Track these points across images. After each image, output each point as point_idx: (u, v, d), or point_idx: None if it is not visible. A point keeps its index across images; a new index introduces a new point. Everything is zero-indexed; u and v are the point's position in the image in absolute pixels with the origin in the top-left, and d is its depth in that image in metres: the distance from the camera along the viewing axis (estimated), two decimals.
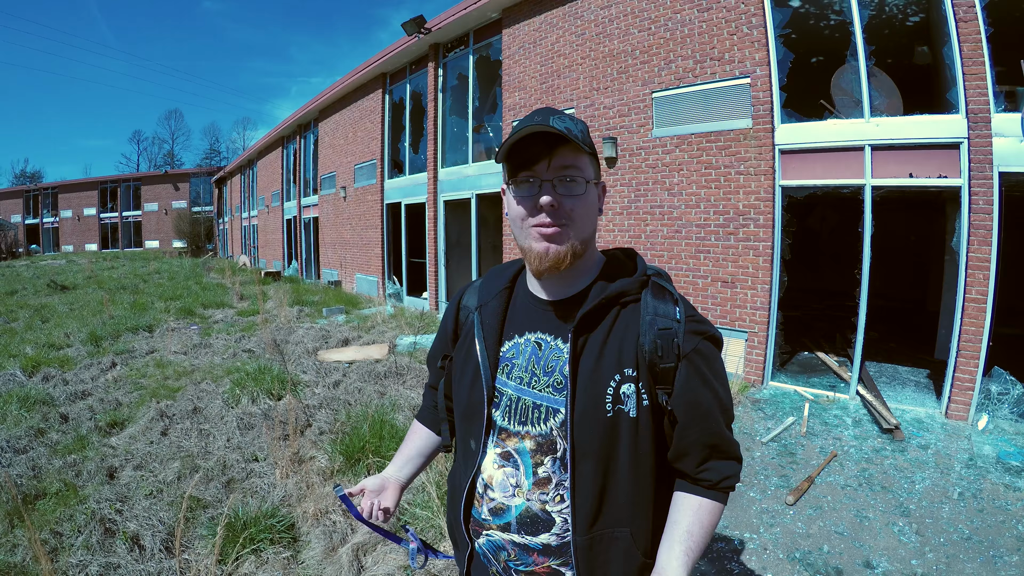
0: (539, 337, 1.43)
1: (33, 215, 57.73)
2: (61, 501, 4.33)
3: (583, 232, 1.35)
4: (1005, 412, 6.24)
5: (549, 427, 1.37)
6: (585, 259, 1.41)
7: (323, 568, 3.60)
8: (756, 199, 7.67)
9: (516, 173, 1.34)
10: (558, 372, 1.37)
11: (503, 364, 1.46)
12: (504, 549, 1.44)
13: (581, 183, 1.32)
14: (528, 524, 1.40)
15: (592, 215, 1.37)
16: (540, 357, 1.41)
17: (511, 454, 1.42)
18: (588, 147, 1.31)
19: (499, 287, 1.53)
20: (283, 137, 25.73)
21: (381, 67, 15.83)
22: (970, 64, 6.20)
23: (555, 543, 1.38)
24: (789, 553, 3.92)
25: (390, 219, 16.52)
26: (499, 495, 1.43)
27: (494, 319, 1.49)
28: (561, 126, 1.27)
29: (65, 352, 9.45)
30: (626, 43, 9.13)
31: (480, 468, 1.47)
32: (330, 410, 6.36)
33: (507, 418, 1.43)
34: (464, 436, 1.52)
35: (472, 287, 1.64)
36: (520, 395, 1.42)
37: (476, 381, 1.46)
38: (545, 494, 1.38)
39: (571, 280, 1.43)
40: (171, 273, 25.03)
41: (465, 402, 1.50)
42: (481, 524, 1.48)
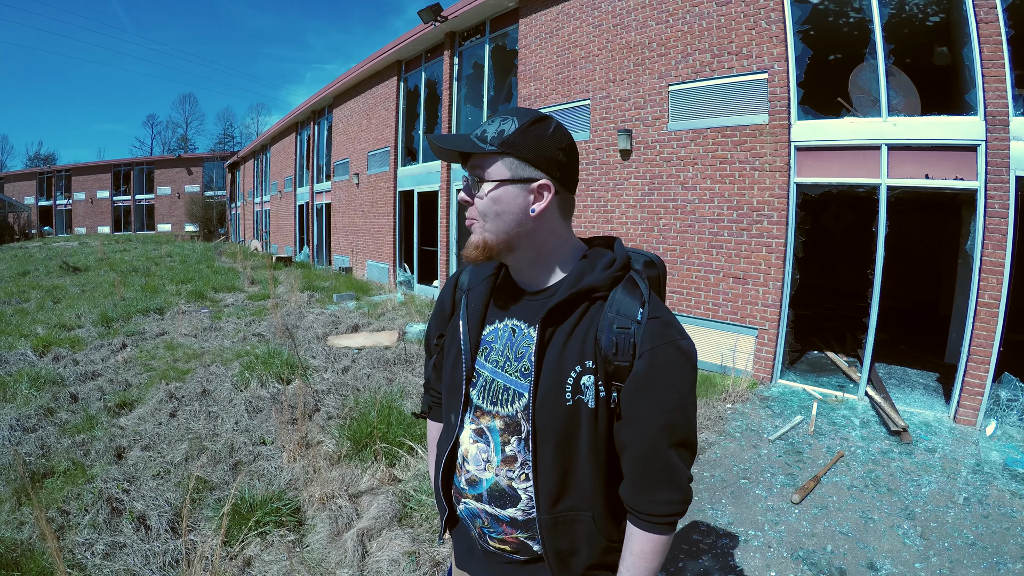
0: (514, 324, 1.50)
1: (46, 197, 57.98)
2: (69, 480, 4.37)
3: (498, 228, 1.39)
4: (1014, 419, 6.19)
5: (515, 409, 1.45)
6: (526, 255, 1.45)
7: (328, 552, 3.62)
8: (771, 195, 7.63)
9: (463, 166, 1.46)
10: (526, 359, 1.44)
11: (483, 347, 1.54)
12: (479, 517, 1.54)
13: (479, 183, 1.38)
14: (497, 497, 1.49)
15: (505, 215, 1.38)
16: (513, 343, 1.48)
17: (484, 431, 1.51)
18: (499, 146, 1.35)
19: (486, 273, 1.60)
20: (297, 123, 25.77)
21: (396, 54, 15.81)
22: (990, 66, 6.13)
23: (521, 518, 1.47)
24: (793, 551, 3.91)
25: (402, 207, 16.53)
26: (473, 468, 1.52)
27: (478, 303, 1.56)
28: (482, 130, 1.37)
29: (76, 333, 9.52)
30: (643, 35, 9.08)
31: (458, 441, 1.56)
32: (339, 395, 6.39)
33: (482, 397, 1.51)
34: (447, 410, 1.62)
35: (467, 269, 1.70)
36: (494, 377, 1.49)
37: (458, 361, 1.55)
38: (511, 471, 1.46)
39: (544, 271, 1.48)
40: (183, 256, 25.15)
41: (448, 379, 1.60)
42: (460, 492, 1.57)
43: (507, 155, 1.36)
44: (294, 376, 6.78)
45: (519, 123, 1.36)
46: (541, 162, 1.38)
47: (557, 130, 1.39)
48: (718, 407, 6.77)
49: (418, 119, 15.90)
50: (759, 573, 3.68)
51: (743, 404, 6.93)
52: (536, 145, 1.37)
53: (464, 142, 1.38)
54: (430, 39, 14.43)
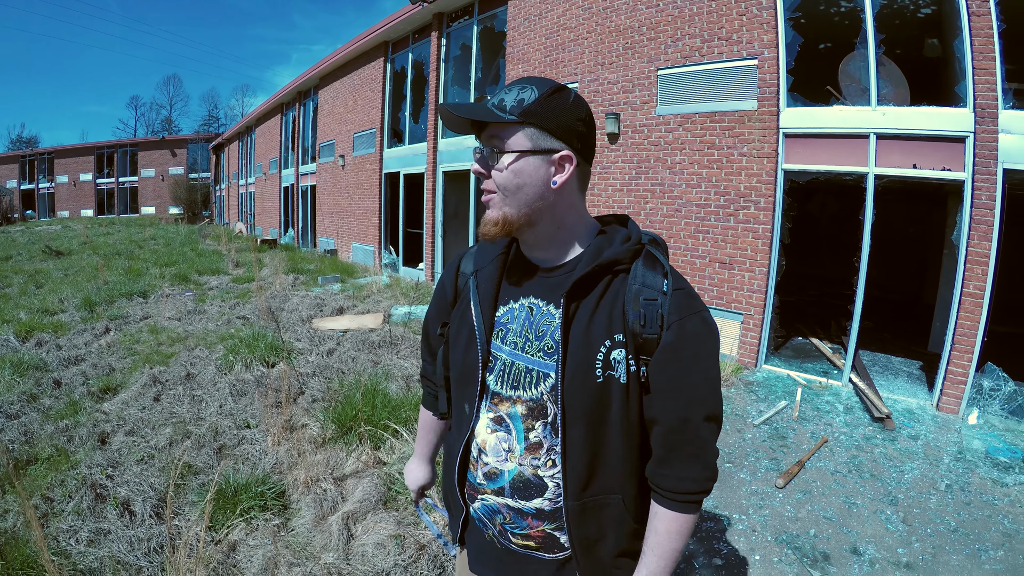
0: (531, 302, 1.44)
1: (29, 181, 57.12)
2: (52, 466, 4.33)
3: (519, 202, 1.34)
4: (996, 408, 6.26)
5: (540, 391, 1.38)
6: (546, 229, 1.40)
7: (313, 536, 3.61)
8: (758, 181, 7.64)
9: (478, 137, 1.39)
10: (548, 337, 1.38)
11: (498, 328, 1.47)
12: (500, 512, 1.46)
13: (498, 154, 1.33)
14: (521, 489, 1.42)
15: (524, 188, 1.33)
16: (532, 322, 1.42)
17: (503, 418, 1.43)
18: (519, 116, 1.29)
19: (495, 252, 1.54)
20: (282, 104, 25.54)
21: (384, 35, 15.66)
22: (980, 59, 6.14)
23: (548, 507, 1.40)
24: (777, 535, 3.94)
25: (388, 189, 16.44)
26: (492, 460, 1.45)
27: (490, 284, 1.50)
28: (499, 98, 1.32)
29: (59, 318, 9.42)
30: (633, 19, 9.03)
31: (474, 432, 1.49)
32: (323, 378, 6.36)
33: (500, 382, 1.44)
34: (459, 401, 1.55)
35: (469, 253, 1.64)
36: (514, 359, 1.42)
37: (471, 345, 1.47)
38: (536, 459, 1.40)
39: (562, 247, 1.43)
40: (167, 239, 24.97)
41: (460, 366, 1.51)
42: (476, 488, 1.50)
43: (528, 124, 1.31)
44: (278, 359, 6.74)
45: (539, 92, 1.31)
46: (562, 132, 1.34)
47: (577, 100, 1.35)
48: None
49: (404, 101, 15.78)
50: (744, 557, 3.71)
51: (728, 389, 6.96)
52: (557, 115, 1.32)
53: (481, 111, 1.32)
54: (418, 20, 14.30)
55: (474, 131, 1.38)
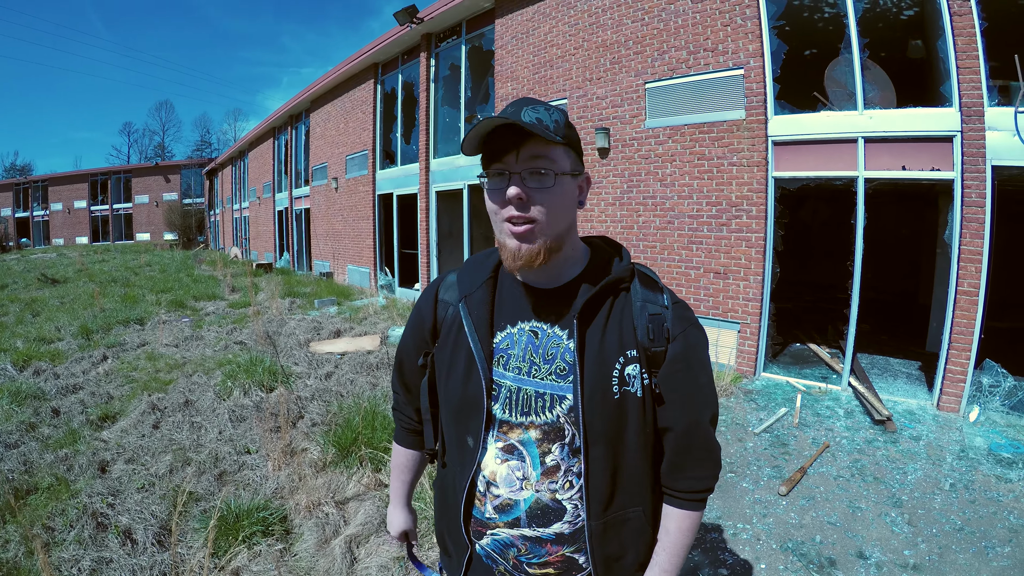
0: (534, 326, 1.41)
1: (23, 208, 57.19)
2: (53, 496, 4.31)
3: (556, 227, 1.31)
4: (996, 404, 6.27)
5: (556, 414, 1.36)
6: (565, 251, 1.38)
7: (316, 560, 3.59)
8: (749, 190, 7.68)
9: (488, 165, 1.31)
10: (560, 359, 1.37)
11: (498, 355, 1.42)
12: (514, 546, 1.42)
13: (550, 175, 1.27)
14: (539, 516, 1.38)
15: (566, 209, 1.33)
16: (538, 346, 1.39)
17: (515, 446, 1.39)
18: (563, 138, 1.28)
19: (483, 277, 1.49)
20: (274, 128, 25.62)
21: (373, 57, 15.75)
22: (964, 58, 6.21)
23: (568, 531, 1.38)
24: (782, 543, 3.93)
25: (382, 210, 16.46)
26: (505, 491, 1.40)
27: (483, 310, 1.45)
28: (531, 117, 1.24)
29: (56, 346, 9.39)
30: (619, 33, 9.10)
31: (480, 465, 1.43)
32: (322, 401, 6.34)
33: (508, 410, 1.40)
34: (459, 434, 1.47)
35: (446, 282, 1.58)
36: (520, 385, 1.39)
37: (471, 375, 1.41)
38: (554, 482, 1.37)
39: (559, 269, 1.41)
40: (162, 265, 24.91)
41: (458, 398, 1.44)
42: (485, 524, 1.44)
43: (569, 146, 1.32)
44: (277, 384, 6.73)
45: (563, 116, 1.31)
46: (581, 154, 1.39)
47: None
48: None
49: (396, 122, 15.84)
50: (749, 566, 3.70)
51: (727, 398, 6.96)
52: (577, 137, 1.37)
53: (541, 128, 1.23)
54: (406, 41, 14.39)
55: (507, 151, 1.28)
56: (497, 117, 1.22)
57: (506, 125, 1.23)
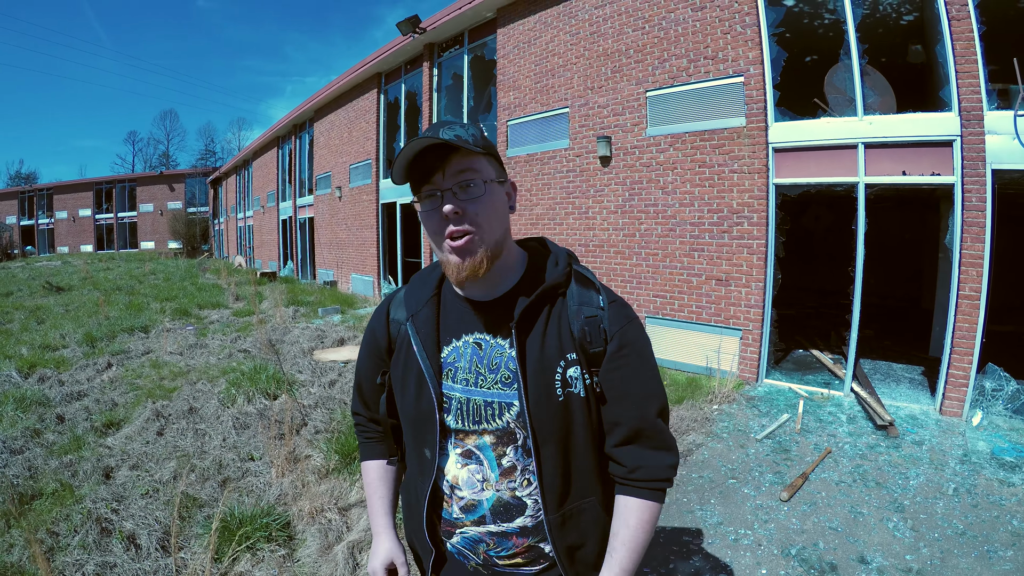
0: (477, 338, 1.46)
1: (28, 216, 57.50)
2: (57, 501, 4.33)
3: (493, 234, 1.36)
4: (999, 408, 6.27)
5: (505, 420, 1.42)
6: (504, 258, 1.43)
7: (319, 566, 3.61)
8: (750, 197, 7.69)
9: (418, 189, 1.36)
10: (504, 368, 1.42)
11: (446, 369, 1.48)
12: (482, 541, 1.49)
13: (480, 185, 1.32)
14: (502, 512, 1.46)
15: (499, 215, 1.38)
16: (482, 357, 1.45)
17: (472, 451, 1.46)
18: (482, 148, 1.31)
19: (427, 295, 1.54)
20: (278, 137, 25.71)
21: (376, 67, 15.83)
22: (963, 62, 6.23)
23: (530, 523, 1.46)
24: (784, 549, 3.93)
25: (385, 219, 16.50)
26: (467, 492, 1.47)
27: (428, 326, 1.50)
28: (449, 135, 1.28)
29: (61, 353, 9.43)
30: (620, 42, 9.15)
31: (443, 472, 1.50)
32: (325, 409, 6.36)
33: (460, 420, 1.46)
34: (416, 447, 1.54)
35: (396, 299, 1.63)
36: (468, 396, 1.45)
37: (422, 390, 1.47)
38: (512, 481, 1.44)
39: (498, 280, 1.46)
40: (167, 274, 24.99)
41: (412, 413, 1.50)
42: (454, 524, 1.52)
43: (489, 155, 1.36)
44: (280, 391, 6.75)
45: (479, 129, 1.36)
46: (501, 162, 1.43)
47: None
48: (704, 408, 6.80)
49: (399, 131, 15.89)
50: (750, 572, 3.70)
51: (729, 405, 6.96)
52: (494, 147, 1.41)
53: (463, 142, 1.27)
54: (409, 51, 14.46)
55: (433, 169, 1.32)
56: (417, 140, 1.27)
57: (428, 148, 1.29)
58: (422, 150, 1.30)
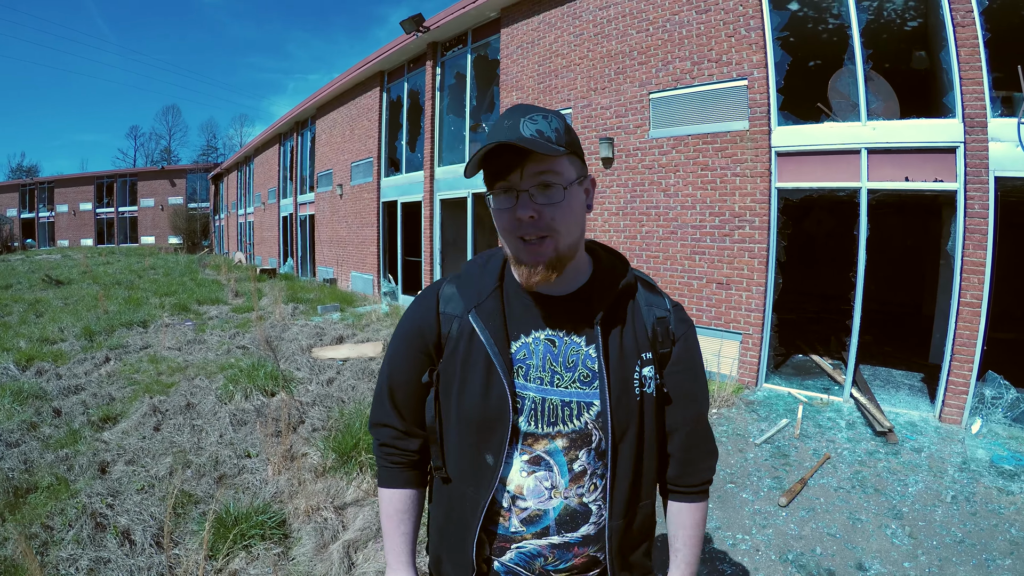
0: (550, 334, 1.37)
1: (29, 209, 57.47)
2: (52, 495, 4.31)
3: (569, 238, 1.29)
4: (999, 416, 6.25)
5: (584, 421, 1.35)
6: (576, 259, 1.37)
7: (314, 565, 3.59)
8: (752, 201, 7.68)
9: (492, 184, 1.27)
10: (582, 366, 1.36)
11: (517, 366, 1.36)
12: (541, 555, 1.37)
13: (559, 189, 1.24)
14: (568, 522, 1.36)
15: (577, 218, 1.30)
16: (557, 354, 1.36)
17: (542, 457, 1.35)
18: (565, 146, 1.23)
19: (490, 285, 1.41)
20: (280, 134, 25.71)
21: (379, 65, 15.82)
22: (967, 69, 6.21)
23: (593, 531, 1.39)
24: (781, 554, 3.92)
25: (386, 217, 16.50)
26: (532, 502, 1.35)
27: (496, 320, 1.37)
28: (531, 131, 1.21)
29: (59, 347, 9.42)
30: (624, 44, 9.14)
31: (504, 481, 1.36)
32: (323, 407, 6.35)
33: (533, 422, 1.34)
34: (474, 452, 1.37)
35: (444, 293, 1.47)
36: (545, 396, 1.35)
37: (491, 389, 1.33)
38: (581, 487, 1.36)
39: (570, 277, 1.39)
40: (166, 269, 24.99)
41: (476, 414, 1.35)
42: (510, 538, 1.38)
43: (572, 153, 1.28)
44: (278, 388, 6.74)
45: (562, 121, 1.27)
46: (583, 157, 1.36)
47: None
48: None
49: (401, 130, 15.88)
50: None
51: (728, 409, 6.95)
52: (578, 140, 1.34)
53: (541, 145, 1.18)
54: (412, 49, 14.45)
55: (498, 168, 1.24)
56: (495, 139, 1.19)
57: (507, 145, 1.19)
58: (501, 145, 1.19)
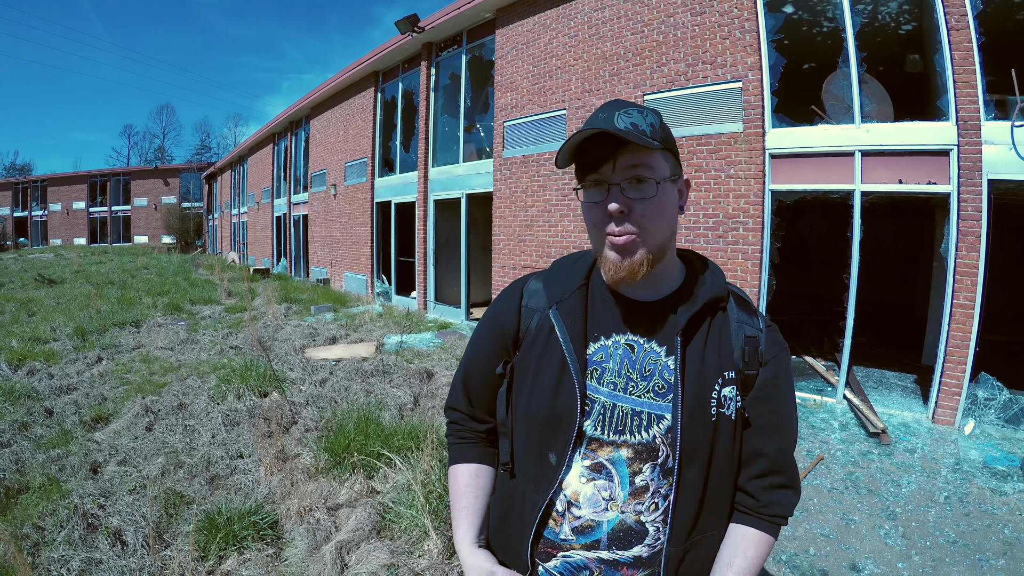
0: (630, 339, 1.34)
1: (22, 208, 57.28)
2: (44, 495, 4.28)
3: (658, 237, 1.25)
4: (991, 417, 6.27)
5: (652, 434, 1.29)
6: (666, 262, 1.33)
7: (306, 566, 3.57)
8: (746, 203, 7.69)
9: (583, 176, 1.27)
10: (659, 376, 1.31)
11: (591, 368, 1.33)
12: (587, 568, 1.32)
13: (651, 184, 1.21)
14: (621, 538, 1.30)
15: (668, 218, 1.27)
16: (634, 361, 1.32)
17: (603, 465, 1.31)
18: (660, 142, 1.21)
19: (575, 284, 1.40)
20: (274, 134, 25.66)
21: (374, 65, 15.79)
22: (961, 72, 6.24)
23: (647, 554, 1.30)
24: (775, 555, 3.92)
25: (380, 218, 16.48)
26: (588, 511, 1.31)
27: (576, 318, 1.36)
28: (625, 123, 1.18)
29: (51, 346, 9.37)
30: (619, 45, 9.14)
31: (562, 484, 1.33)
32: (316, 408, 6.33)
33: (600, 427, 1.31)
34: (540, 450, 1.35)
35: (529, 288, 1.47)
36: (615, 402, 1.31)
37: (562, 386, 1.32)
38: (641, 504, 1.29)
39: (659, 282, 1.36)
40: (159, 268, 24.89)
41: (546, 411, 1.33)
42: (558, 545, 1.34)
43: (667, 150, 1.26)
44: (271, 389, 6.71)
45: (658, 118, 1.25)
46: (678, 156, 1.33)
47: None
48: None
49: (395, 130, 15.86)
50: None
51: None
52: (673, 138, 1.31)
53: (637, 136, 1.16)
54: (407, 50, 14.43)
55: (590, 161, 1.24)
56: (589, 128, 1.17)
57: (602, 134, 1.18)
58: (593, 137, 1.18)
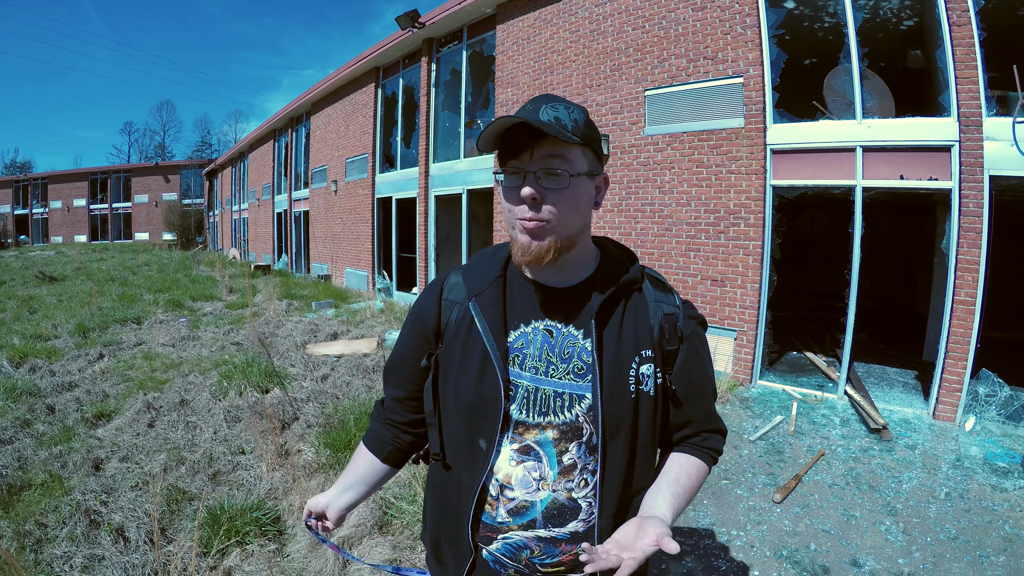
0: (548, 325, 1.39)
1: (22, 206, 57.18)
2: (46, 492, 4.30)
3: (568, 227, 1.29)
4: (992, 414, 6.28)
5: (575, 414, 1.36)
6: (577, 251, 1.37)
7: (308, 561, 3.58)
8: (747, 198, 7.68)
9: (504, 162, 1.30)
10: (576, 358, 1.37)
11: (513, 355, 1.39)
12: (527, 547, 1.38)
13: (565, 176, 1.25)
14: (555, 516, 1.36)
15: (580, 211, 1.31)
16: (554, 345, 1.38)
17: (531, 447, 1.37)
18: (580, 138, 1.25)
19: (493, 275, 1.45)
20: (275, 130, 25.62)
21: (374, 61, 15.76)
22: (963, 68, 6.23)
23: (582, 529, 1.37)
24: (776, 551, 3.93)
25: (381, 213, 16.46)
26: (520, 493, 1.37)
27: (495, 308, 1.41)
28: (549, 116, 1.23)
29: (53, 343, 9.38)
30: (620, 40, 9.12)
31: (494, 468, 1.39)
32: (317, 403, 6.33)
33: (525, 410, 1.37)
34: (469, 436, 1.41)
35: (449, 282, 1.52)
36: (538, 385, 1.37)
37: (486, 375, 1.37)
38: (571, 481, 1.36)
39: (572, 269, 1.41)
40: (160, 265, 24.91)
41: (471, 399, 1.39)
42: (496, 528, 1.40)
43: (587, 146, 1.30)
44: (272, 385, 6.72)
45: (583, 114, 1.29)
46: (601, 154, 1.38)
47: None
48: None
49: (396, 126, 15.84)
50: (742, 573, 3.69)
51: (723, 406, 6.95)
52: (597, 137, 1.35)
53: (556, 129, 1.20)
54: (408, 45, 14.40)
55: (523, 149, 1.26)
56: (512, 116, 1.21)
57: (523, 124, 1.21)
58: (516, 126, 1.23)
